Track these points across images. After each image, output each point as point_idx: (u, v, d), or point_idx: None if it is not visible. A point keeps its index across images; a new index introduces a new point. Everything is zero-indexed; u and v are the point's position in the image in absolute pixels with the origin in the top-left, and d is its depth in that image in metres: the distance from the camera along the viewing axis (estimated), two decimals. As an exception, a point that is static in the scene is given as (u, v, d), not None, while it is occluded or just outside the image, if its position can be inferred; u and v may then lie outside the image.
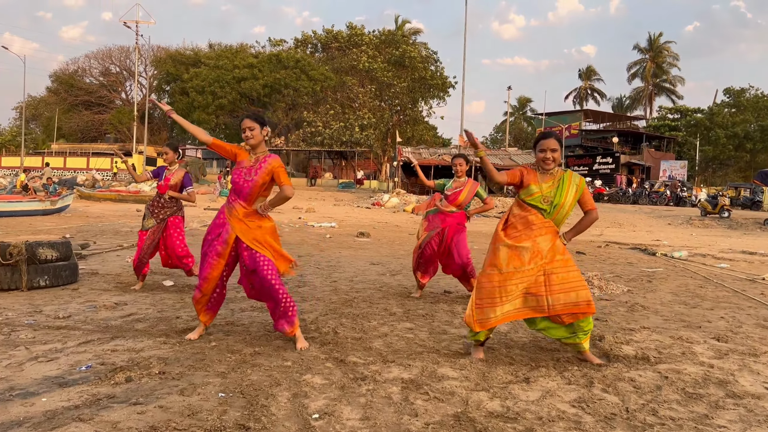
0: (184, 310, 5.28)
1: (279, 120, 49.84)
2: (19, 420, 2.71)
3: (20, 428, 2.62)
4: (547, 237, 3.93)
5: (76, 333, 4.36)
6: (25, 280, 6.10)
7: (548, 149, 3.94)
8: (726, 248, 13.95)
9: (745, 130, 55.95)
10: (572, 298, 3.82)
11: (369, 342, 4.31)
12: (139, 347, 4.00)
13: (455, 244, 6.21)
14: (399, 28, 53.61)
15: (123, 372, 3.40)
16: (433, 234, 6.23)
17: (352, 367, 3.67)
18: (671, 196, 37.60)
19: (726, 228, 23.39)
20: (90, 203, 24.89)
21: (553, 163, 3.96)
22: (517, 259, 3.89)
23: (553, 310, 3.84)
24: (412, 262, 6.45)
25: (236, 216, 4.16)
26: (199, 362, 3.68)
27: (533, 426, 2.80)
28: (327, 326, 4.76)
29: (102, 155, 48.95)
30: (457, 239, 6.23)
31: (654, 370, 3.76)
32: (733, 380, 3.58)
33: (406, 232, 17.08)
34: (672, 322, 5.32)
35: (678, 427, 2.83)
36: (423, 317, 5.27)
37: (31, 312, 5.02)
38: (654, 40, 67.18)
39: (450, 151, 39.77)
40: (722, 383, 3.52)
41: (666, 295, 6.83)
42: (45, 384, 3.21)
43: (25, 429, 2.62)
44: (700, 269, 9.58)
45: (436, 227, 6.26)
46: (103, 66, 62.55)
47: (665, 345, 4.42)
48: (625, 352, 4.15)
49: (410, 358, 3.91)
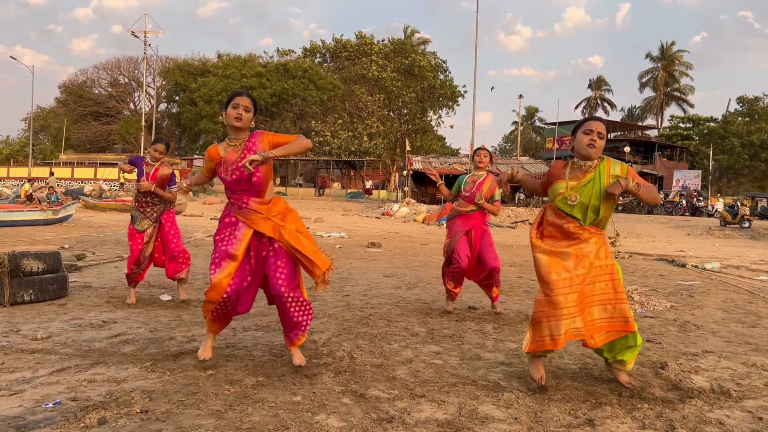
0: (180, 330, 4.67)
1: (287, 129, 49.43)
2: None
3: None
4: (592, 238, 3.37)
5: (52, 358, 3.75)
6: (7, 294, 5.51)
7: (595, 131, 3.35)
8: (758, 259, 13.23)
9: (761, 139, 55.06)
10: (621, 312, 3.28)
11: (392, 370, 3.67)
12: (122, 377, 3.39)
13: (485, 245, 5.68)
14: (408, 38, 53.23)
15: (96, 411, 2.78)
16: (457, 239, 5.62)
17: (374, 403, 3.03)
18: (687, 206, 36.80)
19: (748, 239, 22.64)
20: (95, 213, 24.44)
21: (596, 150, 3.36)
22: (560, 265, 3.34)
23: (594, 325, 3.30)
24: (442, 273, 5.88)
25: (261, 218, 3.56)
26: (190, 396, 3.06)
27: (617, 492, 2.16)
28: (341, 349, 4.13)
29: (110, 165, 48.74)
30: (486, 240, 5.71)
31: (741, 408, 3.10)
32: None
33: (417, 242, 16.46)
34: (736, 344, 4.65)
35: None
36: (450, 338, 4.63)
37: (6, 332, 4.42)
38: (666, 49, 66.48)
39: (461, 161, 39.18)
40: (834, 427, 2.86)
41: (715, 312, 6.15)
42: (1, 425, 2.60)
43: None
44: (740, 282, 8.89)
45: (459, 232, 5.67)
46: (111, 77, 62.66)
47: (741, 374, 3.76)
48: (698, 384, 3.49)
49: (443, 391, 3.27)
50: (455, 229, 5.73)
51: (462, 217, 5.70)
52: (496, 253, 5.74)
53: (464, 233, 5.66)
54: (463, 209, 5.65)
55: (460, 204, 5.72)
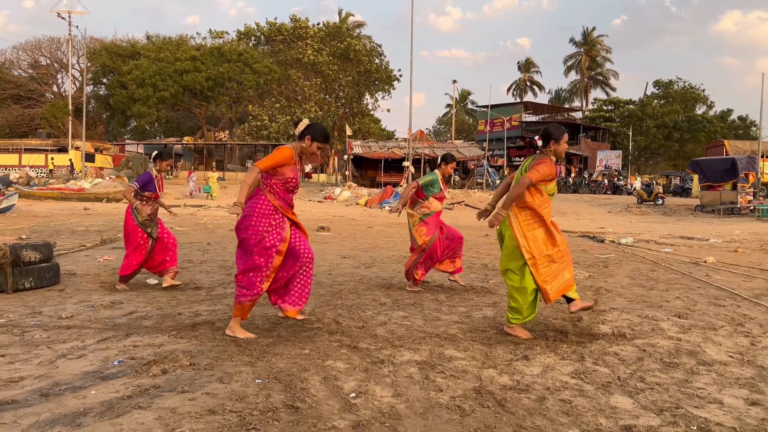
0: (182, 307, 5.46)
1: (223, 114, 49.07)
2: (81, 411, 2.91)
3: (86, 417, 2.83)
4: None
5: (89, 331, 4.50)
6: (10, 282, 6.10)
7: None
8: (665, 234, 14.97)
9: (674, 121, 58.96)
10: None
11: (372, 330, 4.65)
12: (158, 342, 4.20)
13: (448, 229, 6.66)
14: (343, 21, 53.64)
15: (156, 365, 3.61)
16: (436, 236, 6.49)
17: (366, 352, 4.00)
18: (609, 185, 39.40)
19: (661, 215, 24.86)
20: (31, 202, 24.04)
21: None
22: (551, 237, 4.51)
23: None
24: (408, 263, 6.65)
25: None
26: (222, 353, 3.92)
27: (544, 395, 3.22)
28: (327, 317, 5.06)
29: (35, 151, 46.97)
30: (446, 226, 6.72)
31: (632, 344, 4.26)
32: (700, 351, 4.12)
33: (363, 225, 17.43)
34: (635, 303, 5.89)
35: (665, 390, 3.31)
36: (412, 306, 5.65)
37: (31, 313, 5.09)
38: (588, 34, 69.71)
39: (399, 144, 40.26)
40: (692, 353, 4.05)
41: (624, 279, 7.45)
42: (87, 378, 3.39)
43: (90, 418, 2.82)
44: (648, 254, 10.35)
45: (437, 230, 6.52)
46: (32, 58, 59.83)
47: (635, 323, 4.96)
48: (603, 330, 4.65)
49: (416, 342, 4.27)
50: (433, 228, 6.50)
51: (437, 215, 6.57)
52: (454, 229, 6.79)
53: (440, 228, 6.60)
54: (436, 208, 6.54)
55: (432, 203, 6.50)
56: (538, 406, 3.07)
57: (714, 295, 6.32)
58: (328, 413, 2.92)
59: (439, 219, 6.61)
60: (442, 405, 3.06)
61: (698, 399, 3.18)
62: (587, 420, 2.88)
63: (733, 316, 5.27)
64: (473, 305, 5.72)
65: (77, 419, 2.81)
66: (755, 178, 26.83)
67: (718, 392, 3.30)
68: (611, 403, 3.12)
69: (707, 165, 27.43)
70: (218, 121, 52.28)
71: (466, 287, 6.70)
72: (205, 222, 16.76)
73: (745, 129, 62.12)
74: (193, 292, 6.21)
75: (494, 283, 7.06)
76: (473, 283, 7.07)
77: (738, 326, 4.90)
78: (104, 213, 19.64)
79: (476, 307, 5.65)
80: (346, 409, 3.00)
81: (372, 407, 3.02)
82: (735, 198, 24.86)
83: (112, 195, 26.34)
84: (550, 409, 3.01)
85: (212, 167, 46.33)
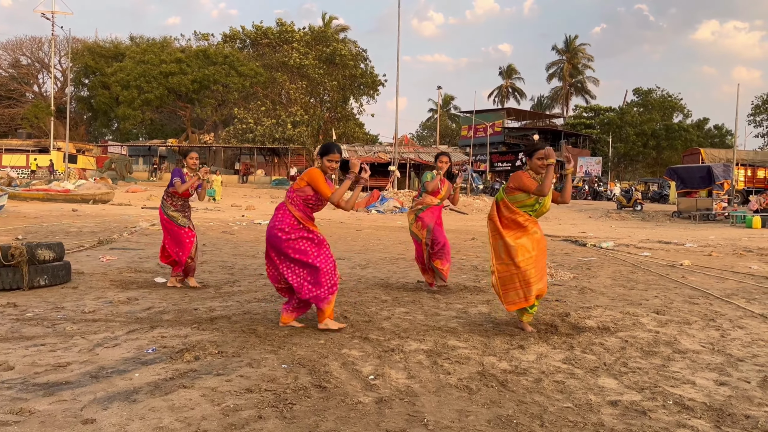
0: (196, 303, 5.81)
1: (208, 116, 49.15)
2: (132, 389, 3.27)
3: (138, 395, 3.19)
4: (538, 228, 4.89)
5: (115, 324, 4.84)
6: (26, 279, 6.40)
7: (545, 157, 4.83)
8: (644, 238, 15.57)
9: (652, 128, 60.28)
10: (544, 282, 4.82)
11: (378, 324, 5.05)
12: (183, 334, 4.56)
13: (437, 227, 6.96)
14: (326, 25, 54.05)
15: (188, 352, 3.97)
16: (432, 226, 6.89)
17: (377, 342, 4.39)
18: (589, 190, 40.23)
19: (640, 220, 25.57)
20: (17, 203, 24.01)
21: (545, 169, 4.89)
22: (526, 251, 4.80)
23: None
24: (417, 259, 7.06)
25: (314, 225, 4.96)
26: (245, 343, 4.29)
27: (540, 377, 3.64)
28: (335, 313, 5.44)
29: (16, 152, 46.63)
30: (439, 224, 7.04)
31: (615, 336, 4.72)
32: (676, 341, 4.59)
33: (352, 228, 17.79)
34: (617, 301, 6.36)
35: (645, 373, 3.76)
36: (412, 303, 6.06)
37: (55, 308, 5.40)
38: (570, 42, 70.99)
39: (385, 149, 40.72)
40: (669, 344, 4.51)
41: (606, 280, 7.93)
42: (129, 364, 3.74)
43: (143, 395, 3.18)
44: (627, 257, 10.88)
45: (431, 221, 6.92)
46: (12, 57, 59.31)
47: (618, 318, 5.42)
48: (589, 324, 5.10)
49: (420, 334, 4.68)
50: (427, 220, 6.91)
51: (431, 208, 6.99)
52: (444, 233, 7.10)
53: (437, 221, 7.00)
54: (429, 203, 6.96)
55: (425, 199, 6.93)
56: (536, 386, 3.49)
57: (689, 295, 6.82)
58: (353, 391, 3.32)
59: (434, 214, 6.96)
60: (452, 385, 3.47)
61: (674, 380, 3.63)
62: (579, 396, 3.31)
63: (705, 313, 5.76)
64: (468, 302, 6.15)
65: (131, 396, 3.17)
66: (730, 185, 27.71)
67: (691, 375, 3.75)
68: (599, 383, 3.55)
69: (684, 172, 28.26)
70: (203, 123, 52.33)
71: (452, 286, 7.10)
72: (197, 224, 17.00)
73: (721, 138, 63.69)
74: (202, 290, 6.55)
75: (485, 283, 7.50)
76: (466, 283, 7.49)
77: (710, 321, 5.39)
78: (93, 214, 19.76)
79: (471, 304, 6.07)
80: (367, 388, 3.39)
81: (390, 387, 3.41)
82: (710, 205, 25.67)
83: (98, 197, 26.39)
84: (546, 389, 3.44)
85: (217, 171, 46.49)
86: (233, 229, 15.53)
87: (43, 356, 3.89)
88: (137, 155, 54.29)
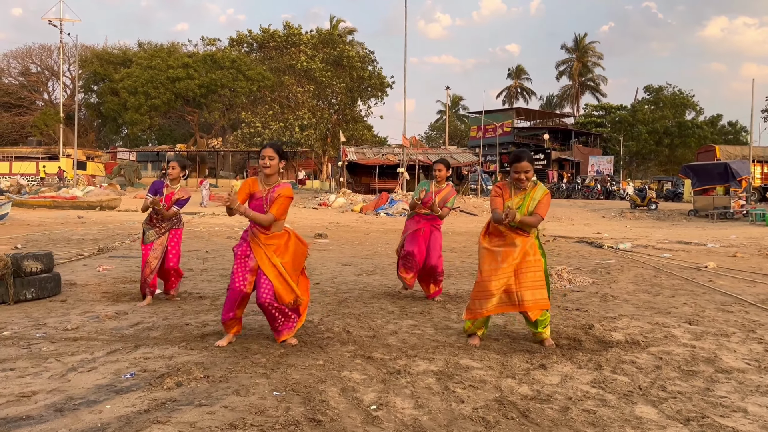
0: (188, 317, 5.39)
1: (216, 121, 48.95)
2: (98, 426, 2.85)
3: (104, 434, 2.77)
4: (517, 240, 4.42)
5: (97, 343, 4.43)
6: (12, 293, 6.01)
7: (522, 171, 4.43)
8: (662, 239, 15.02)
9: (664, 126, 59.35)
10: (537, 296, 4.34)
11: (383, 339, 4.60)
12: (168, 354, 4.13)
13: (432, 245, 6.45)
14: (334, 28, 53.72)
15: (170, 378, 3.54)
16: (408, 233, 6.49)
17: (381, 362, 3.95)
18: (601, 190, 39.54)
19: (655, 219, 24.95)
20: (24, 211, 23.82)
21: (527, 182, 4.45)
22: (493, 261, 4.45)
23: (522, 306, 4.34)
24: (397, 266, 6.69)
25: (257, 242, 4.41)
26: (235, 365, 3.86)
27: (567, 405, 3.18)
28: (336, 326, 5.01)
29: (26, 159, 46.67)
30: (434, 240, 6.48)
31: (647, 352, 4.24)
32: (716, 358, 4.11)
33: (360, 232, 17.38)
34: (643, 309, 5.88)
35: (688, 399, 3.29)
36: (421, 314, 5.61)
37: (36, 325, 5.01)
38: (580, 41, 70.23)
39: (393, 151, 40.30)
40: (709, 361, 4.03)
41: (628, 285, 7.44)
42: (101, 392, 3.33)
43: (110, 434, 2.76)
44: (648, 260, 10.37)
45: (410, 228, 6.56)
46: (22, 65, 59.54)
47: (647, 330, 4.94)
48: (616, 338, 4.63)
49: (430, 351, 4.23)
50: (408, 226, 6.61)
51: (416, 216, 6.58)
52: (440, 254, 6.45)
53: (416, 230, 6.57)
54: (419, 210, 6.54)
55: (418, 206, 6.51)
56: (563, 416, 3.03)
57: (721, 301, 6.32)
58: (351, 426, 2.88)
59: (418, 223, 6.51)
60: (466, 416, 3.02)
61: (722, 408, 3.16)
62: (614, 431, 2.85)
63: (743, 323, 5.27)
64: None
65: (96, 435, 2.75)
66: (747, 182, 27.00)
67: (741, 400, 3.28)
68: (636, 413, 3.09)
69: (700, 169, 27.58)
70: (211, 128, 52.16)
71: (465, 295, 6.63)
72: (201, 230, 16.65)
73: (735, 134, 62.63)
74: (197, 302, 6.14)
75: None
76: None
77: (750, 332, 4.90)
78: (98, 221, 19.47)
79: (485, 315, 5.60)
80: (368, 421, 2.95)
81: (395, 420, 2.97)
82: (728, 202, 24.99)
83: (105, 203, 26.15)
84: (575, 420, 2.98)
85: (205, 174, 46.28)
86: (239, 235, 15.14)
87: (8, 383, 3.49)
88: (146, 161, 54.26)
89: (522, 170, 4.42)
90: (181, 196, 6.22)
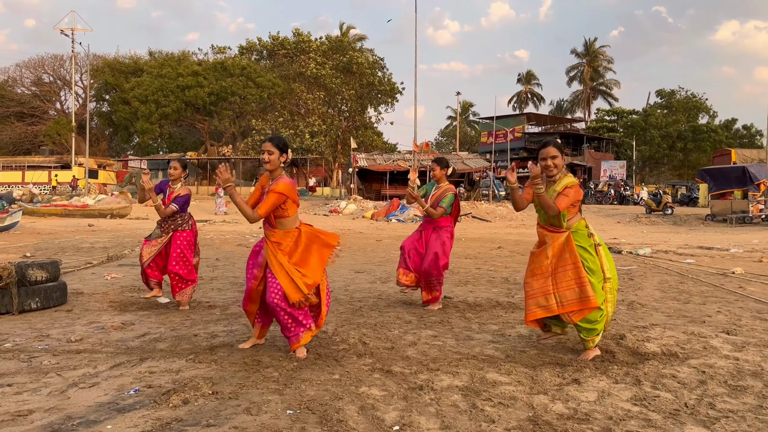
0: (197, 328, 5.16)
1: (226, 128, 48.99)
2: (97, 451, 2.61)
3: (103, 459, 2.53)
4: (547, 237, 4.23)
5: (100, 356, 4.20)
6: (16, 303, 5.81)
7: (548, 157, 4.15)
8: (682, 244, 14.64)
9: (678, 130, 58.73)
10: (569, 296, 4.03)
11: (402, 351, 4.34)
12: (175, 368, 3.90)
13: (430, 247, 6.12)
14: (344, 35, 53.70)
15: (177, 394, 3.30)
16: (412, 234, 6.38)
17: (401, 377, 3.69)
18: (615, 195, 39.05)
19: (672, 224, 24.51)
20: (35, 219, 23.81)
21: (555, 169, 4.16)
22: (532, 262, 4.29)
23: (560, 307, 4.05)
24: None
25: (266, 238, 4.29)
26: (246, 380, 3.62)
27: (609, 426, 2.90)
28: (352, 337, 4.75)
29: (39, 168, 46.90)
30: (433, 243, 6.12)
31: (687, 365, 3.94)
32: (763, 372, 3.80)
33: (371, 238, 17.12)
34: (675, 318, 5.57)
35: (741, 418, 3.00)
36: (440, 324, 5.33)
37: (38, 336, 4.79)
38: (590, 45, 69.75)
39: (404, 157, 40.08)
40: (756, 375, 3.73)
41: (654, 292, 7.13)
42: (102, 411, 3.09)
43: (109, 460, 2.52)
44: (671, 265, 10.03)
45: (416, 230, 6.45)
46: (35, 75, 60.03)
47: (683, 341, 4.64)
48: (651, 349, 4.33)
49: (452, 365, 3.96)
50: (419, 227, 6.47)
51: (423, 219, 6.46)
52: (437, 257, 6.00)
53: (419, 231, 6.38)
54: (418, 210, 6.39)
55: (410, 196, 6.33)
56: (605, 439, 2.76)
57: (756, 309, 6.00)
58: (374, 450, 2.62)
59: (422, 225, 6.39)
60: (498, 439, 2.75)
61: (781, 428, 2.87)
62: (665, 456, 2.57)
63: (783, 332, 4.95)
64: (504, 322, 5.41)
65: (94, 461, 2.51)
66: (766, 186, 26.49)
67: (800, 420, 2.98)
68: (686, 434, 2.81)
69: (717, 173, 27.10)
70: (221, 135, 52.20)
71: (485, 303, 6.39)
72: (212, 237, 16.47)
73: (750, 138, 61.85)
74: (207, 312, 5.90)
75: (520, 298, 6.75)
76: (498, 298, 6.76)
77: (793, 343, 4.59)
78: (109, 229, 19.37)
79: (508, 324, 5.33)
80: (391, 444, 2.69)
81: (421, 442, 2.71)
82: (746, 207, 24.50)
83: (116, 211, 26.09)
84: (619, 443, 2.70)
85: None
86: (249, 242, 14.93)
87: (5, 401, 3.26)
88: (157, 169, 54.37)
89: (548, 155, 4.17)
90: (179, 194, 6.11)
